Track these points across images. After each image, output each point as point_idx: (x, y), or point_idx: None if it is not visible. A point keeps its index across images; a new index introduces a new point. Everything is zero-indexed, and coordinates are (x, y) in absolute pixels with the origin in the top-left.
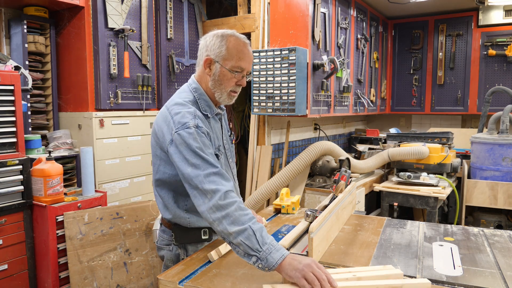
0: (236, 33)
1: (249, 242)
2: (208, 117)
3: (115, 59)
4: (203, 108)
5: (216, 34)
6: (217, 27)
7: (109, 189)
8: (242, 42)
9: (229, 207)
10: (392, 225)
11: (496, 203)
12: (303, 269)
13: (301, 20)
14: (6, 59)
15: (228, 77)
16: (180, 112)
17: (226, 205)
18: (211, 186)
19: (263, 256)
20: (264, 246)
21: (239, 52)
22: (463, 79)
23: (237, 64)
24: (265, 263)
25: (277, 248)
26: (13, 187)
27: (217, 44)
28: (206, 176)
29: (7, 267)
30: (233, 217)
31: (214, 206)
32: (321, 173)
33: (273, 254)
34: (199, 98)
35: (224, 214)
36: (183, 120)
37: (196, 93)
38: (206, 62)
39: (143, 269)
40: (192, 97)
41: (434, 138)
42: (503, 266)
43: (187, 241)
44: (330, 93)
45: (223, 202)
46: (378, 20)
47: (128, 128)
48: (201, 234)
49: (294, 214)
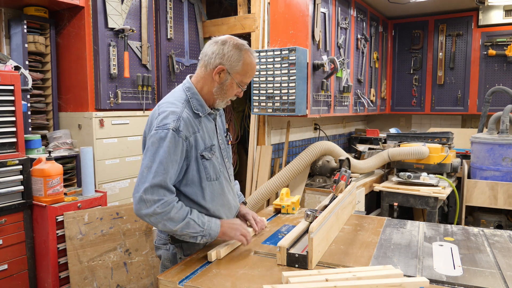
0: (249, 48)
1: (192, 229)
2: (199, 116)
3: (115, 59)
4: (195, 107)
5: (236, 45)
6: (217, 27)
7: (109, 189)
8: (254, 61)
9: (169, 212)
10: (392, 225)
11: (496, 203)
12: (237, 228)
13: (301, 20)
14: (6, 59)
15: (234, 89)
16: (166, 111)
17: (165, 212)
18: (154, 197)
19: (206, 233)
20: (204, 225)
21: (251, 70)
22: (463, 79)
23: (245, 80)
24: (209, 236)
25: (213, 222)
26: (13, 187)
27: (235, 57)
28: (152, 187)
29: (7, 267)
30: (173, 218)
31: (154, 213)
32: (321, 173)
33: (212, 228)
34: (191, 98)
35: (165, 218)
36: (165, 120)
37: (188, 92)
38: (218, 69)
39: (143, 269)
40: (184, 96)
41: (434, 138)
42: (503, 266)
43: (182, 240)
44: (330, 93)
45: (162, 210)
46: (378, 20)
47: (128, 128)
48: None
49: (294, 214)
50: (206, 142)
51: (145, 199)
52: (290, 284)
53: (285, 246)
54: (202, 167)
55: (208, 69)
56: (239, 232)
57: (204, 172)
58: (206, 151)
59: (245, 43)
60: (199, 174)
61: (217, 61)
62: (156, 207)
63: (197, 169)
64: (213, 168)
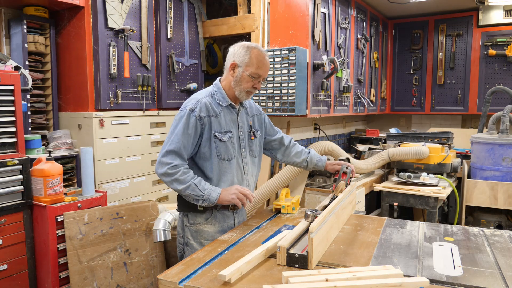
0: (259, 46)
1: (194, 192)
2: (221, 105)
3: (115, 59)
4: (218, 98)
5: (243, 45)
6: (217, 27)
7: (109, 189)
8: (262, 54)
9: (176, 174)
10: (392, 225)
11: (496, 203)
12: (234, 192)
13: (301, 20)
14: (6, 59)
15: (246, 80)
16: (191, 99)
17: (174, 173)
18: (167, 160)
19: (206, 197)
20: (204, 191)
21: (259, 61)
22: (463, 79)
23: (255, 71)
24: (209, 201)
25: (213, 189)
26: (13, 187)
27: (242, 53)
28: (167, 152)
29: (7, 267)
30: (179, 180)
31: (165, 173)
32: (321, 173)
33: (212, 194)
34: (216, 91)
35: (173, 179)
36: (187, 104)
37: (215, 87)
38: (232, 65)
39: (143, 269)
40: (211, 89)
41: (434, 138)
42: (503, 266)
43: (186, 209)
44: (330, 93)
45: (171, 171)
46: (378, 20)
47: (128, 128)
48: (197, 205)
49: (294, 214)
50: (223, 127)
51: (161, 161)
52: (290, 284)
53: (285, 246)
54: (214, 145)
55: (227, 69)
56: (235, 196)
57: (216, 150)
58: (221, 134)
59: (256, 44)
60: (210, 151)
61: (230, 60)
62: (167, 169)
63: (209, 146)
64: (225, 149)
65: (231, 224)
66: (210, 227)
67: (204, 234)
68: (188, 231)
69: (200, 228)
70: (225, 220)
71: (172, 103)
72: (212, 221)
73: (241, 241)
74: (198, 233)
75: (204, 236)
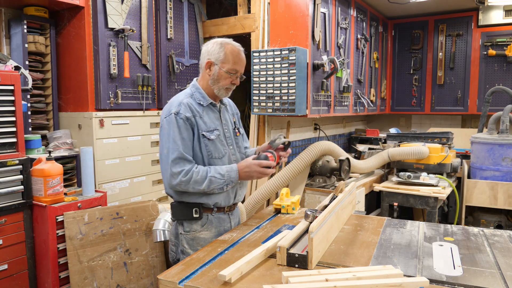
0: (232, 41)
1: (216, 183)
2: (202, 105)
3: (115, 59)
4: (198, 98)
5: (216, 41)
6: (217, 27)
7: (109, 189)
8: (237, 49)
9: (191, 178)
10: (392, 225)
11: (496, 203)
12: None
13: (301, 20)
14: (6, 59)
15: (224, 77)
16: (171, 103)
17: (188, 179)
18: (177, 169)
19: (228, 181)
20: (224, 177)
21: (234, 56)
22: (463, 79)
23: (232, 67)
24: (231, 183)
25: (232, 171)
26: (13, 187)
27: (216, 50)
28: (173, 162)
29: (7, 267)
30: (197, 181)
31: (181, 182)
32: (321, 173)
33: (232, 176)
34: (195, 92)
35: (190, 184)
36: (169, 108)
37: (193, 88)
38: (207, 64)
39: (143, 269)
40: (190, 91)
41: (434, 138)
42: (503, 266)
43: (181, 217)
44: (330, 93)
45: (185, 178)
46: (378, 20)
47: (128, 128)
48: (192, 212)
49: (294, 214)
50: (208, 125)
51: (172, 173)
52: (290, 284)
53: (285, 246)
54: (203, 145)
55: (202, 68)
56: (256, 174)
57: (206, 149)
58: (208, 133)
59: (229, 40)
60: (201, 151)
61: (205, 59)
62: (181, 177)
63: (199, 146)
64: (215, 147)
65: (227, 227)
66: (206, 233)
67: (201, 241)
68: (184, 239)
69: (196, 235)
70: (221, 224)
71: None
72: (208, 227)
73: (241, 241)
74: (194, 240)
75: (201, 244)
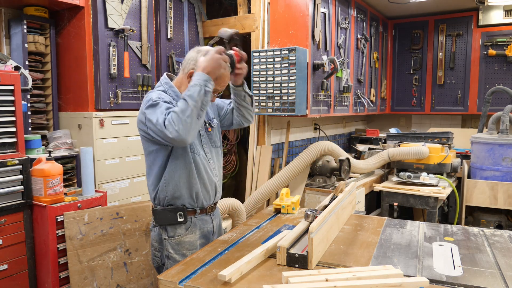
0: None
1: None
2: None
3: (115, 59)
4: (171, 95)
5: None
6: (217, 27)
7: (109, 189)
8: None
9: (176, 111)
10: (392, 225)
11: (496, 203)
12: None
13: (301, 20)
14: (6, 59)
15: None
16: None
17: (175, 114)
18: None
19: (201, 82)
20: (195, 84)
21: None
22: (463, 79)
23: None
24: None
25: (196, 77)
26: (13, 187)
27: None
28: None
29: (7, 267)
30: (183, 109)
31: (171, 121)
32: (321, 173)
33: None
34: (168, 89)
35: (180, 114)
36: (149, 99)
37: (166, 85)
38: (189, 74)
39: (143, 269)
40: (162, 88)
41: (434, 138)
42: (503, 266)
43: (165, 222)
44: (330, 93)
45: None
46: (378, 20)
47: (128, 128)
48: (176, 216)
49: (294, 214)
50: None
51: (162, 126)
52: (290, 284)
53: (285, 246)
54: None
55: (184, 72)
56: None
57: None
58: None
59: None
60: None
61: (190, 66)
62: (169, 118)
63: None
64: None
65: (210, 228)
66: (191, 237)
67: (186, 245)
68: (168, 244)
69: (181, 239)
70: (205, 225)
71: None
72: (193, 229)
73: (241, 241)
74: (179, 245)
75: (186, 247)
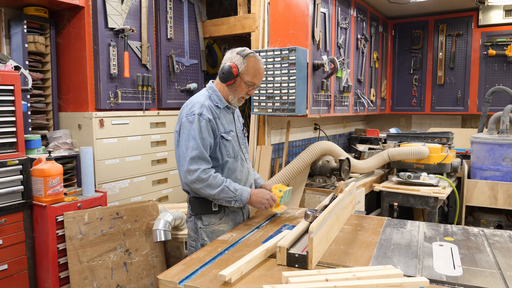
0: (255, 54)
1: (227, 194)
2: (219, 107)
3: (115, 59)
4: (215, 100)
5: (240, 52)
6: (217, 27)
7: (109, 189)
8: (259, 62)
9: (208, 179)
10: (392, 225)
11: (496, 203)
12: (266, 200)
13: (301, 20)
14: (6, 59)
15: (242, 87)
16: (192, 103)
17: (206, 178)
18: (194, 166)
19: (238, 198)
20: (236, 192)
21: (255, 70)
22: (463, 79)
23: (251, 80)
24: (240, 202)
25: (244, 190)
26: (13, 187)
27: (240, 61)
28: (191, 159)
29: (7, 267)
30: (211, 184)
31: (198, 178)
32: (321, 173)
33: (243, 194)
34: (212, 94)
35: (205, 184)
36: (192, 109)
37: (210, 90)
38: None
39: (143, 269)
40: (207, 93)
41: (434, 138)
42: (503, 266)
43: (201, 212)
44: (330, 93)
45: (204, 176)
46: (378, 20)
47: (128, 128)
48: (211, 206)
49: (294, 213)
50: (225, 127)
51: (189, 169)
52: (290, 284)
53: (285, 246)
54: (223, 145)
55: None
56: (263, 206)
57: (225, 150)
58: (226, 134)
59: (253, 51)
60: (221, 152)
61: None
62: (199, 174)
63: (219, 147)
64: (232, 148)
65: (241, 219)
66: (224, 226)
67: (220, 233)
68: (204, 232)
69: (215, 228)
70: (236, 217)
71: (172, 103)
72: (226, 219)
73: (241, 241)
74: (213, 233)
75: (220, 236)
